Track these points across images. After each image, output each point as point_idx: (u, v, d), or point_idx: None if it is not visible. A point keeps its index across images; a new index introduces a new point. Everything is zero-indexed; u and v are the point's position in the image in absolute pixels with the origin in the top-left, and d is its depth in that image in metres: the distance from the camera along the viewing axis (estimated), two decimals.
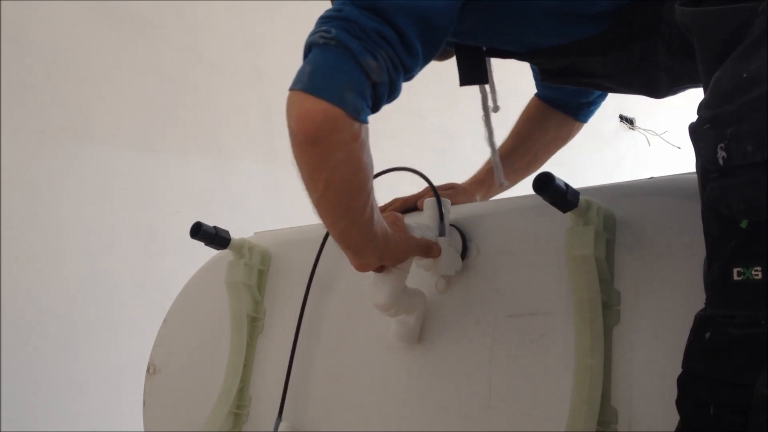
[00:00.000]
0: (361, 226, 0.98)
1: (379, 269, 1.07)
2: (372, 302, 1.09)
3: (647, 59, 1.08)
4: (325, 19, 0.92)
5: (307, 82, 0.87)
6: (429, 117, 3.36)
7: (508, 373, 1.07)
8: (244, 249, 1.38)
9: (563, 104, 1.43)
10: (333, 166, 0.91)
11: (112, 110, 2.71)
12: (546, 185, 0.95)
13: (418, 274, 1.14)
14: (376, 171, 1.03)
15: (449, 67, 1.18)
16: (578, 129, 1.47)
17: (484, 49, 1.16)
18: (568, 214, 1.00)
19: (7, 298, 2.39)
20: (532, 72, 1.38)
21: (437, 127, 3.36)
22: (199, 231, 1.33)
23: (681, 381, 0.81)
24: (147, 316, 1.91)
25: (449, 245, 1.12)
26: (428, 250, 1.09)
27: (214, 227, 1.36)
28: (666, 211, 1.00)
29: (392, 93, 0.94)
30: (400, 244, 1.06)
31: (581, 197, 0.99)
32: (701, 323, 0.80)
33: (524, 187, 1.21)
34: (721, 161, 0.78)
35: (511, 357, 1.07)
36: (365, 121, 0.91)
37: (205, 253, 1.45)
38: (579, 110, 1.44)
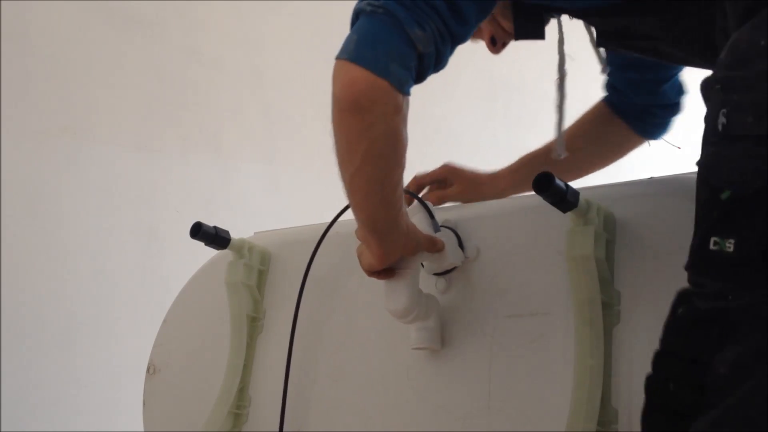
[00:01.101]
0: (391, 205, 0.98)
1: (389, 274, 1.07)
2: (389, 310, 1.08)
3: (706, 22, 1.01)
4: None
5: (353, 51, 0.87)
6: (428, 115, 3.36)
7: (508, 373, 1.07)
8: (244, 249, 1.38)
9: (625, 111, 1.34)
10: (373, 137, 0.90)
11: (112, 110, 2.71)
12: (546, 185, 0.95)
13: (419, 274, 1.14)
14: None
15: (451, 65, 1.17)
16: (636, 144, 1.38)
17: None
18: (568, 214, 1.00)
19: (7, 298, 2.38)
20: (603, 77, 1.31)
21: (440, 124, 3.37)
22: (199, 231, 1.33)
23: (653, 357, 0.81)
24: (147, 316, 1.91)
25: (447, 237, 1.14)
26: (433, 243, 1.10)
27: (214, 227, 1.36)
28: (666, 211, 1.00)
29: (439, 64, 0.93)
30: (417, 232, 1.06)
31: (581, 197, 0.99)
32: (678, 299, 0.80)
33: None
34: (720, 127, 0.76)
35: (511, 357, 1.07)
36: (408, 93, 0.90)
37: (205, 253, 1.45)
38: (642, 120, 1.35)
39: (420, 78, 0.92)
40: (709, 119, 0.78)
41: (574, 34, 1.17)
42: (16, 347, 2.39)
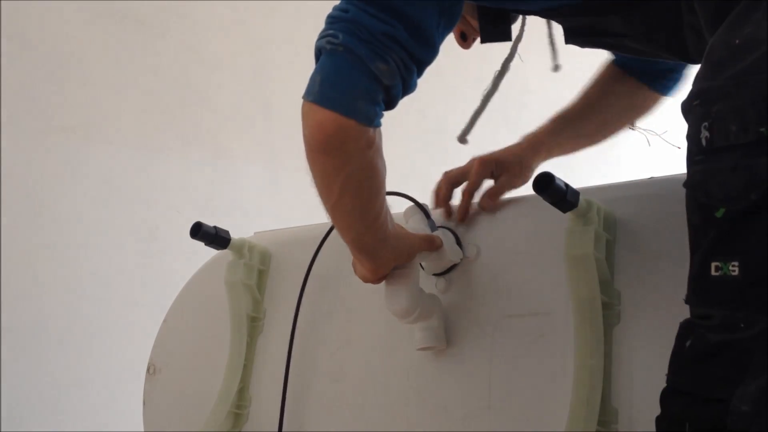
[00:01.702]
0: (375, 229, 0.98)
1: (386, 278, 1.07)
2: (391, 311, 1.08)
3: (669, 16, 0.98)
4: (332, 20, 0.89)
5: (318, 93, 0.86)
6: (429, 114, 3.36)
7: (508, 373, 1.07)
8: (244, 249, 1.38)
9: (639, 71, 1.26)
10: (347, 174, 0.91)
11: (112, 110, 2.71)
12: (546, 185, 0.95)
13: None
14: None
15: (450, 64, 1.17)
16: (656, 100, 1.30)
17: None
18: (568, 214, 1.00)
19: (8, 298, 2.39)
20: None
21: (437, 124, 3.36)
22: (199, 231, 1.33)
23: (662, 396, 0.75)
24: (147, 316, 1.91)
25: (445, 235, 1.14)
26: (431, 241, 1.10)
27: (214, 227, 1.35)
28: (666, 211, 1.00)
29: (406, 90, 0.92)
30: (409, 238, 1.06)
31: (581, 197, 0.99)
32: (683, 330, 0.74)
33: (524, 187, 1.21)
34: (704, 142, 0.71)
35: (511, 357, 1.07)
36: (378, 125, 0.90)
37: (205, 253, 1.45)
38: (656, 79, 1.27)
39: (390, 106, 0.92)
40: (691, 136, 0.73)
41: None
42: (16, 347, 2.39)
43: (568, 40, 1.10)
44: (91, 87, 2.66)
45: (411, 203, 1.18)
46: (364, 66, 0.86)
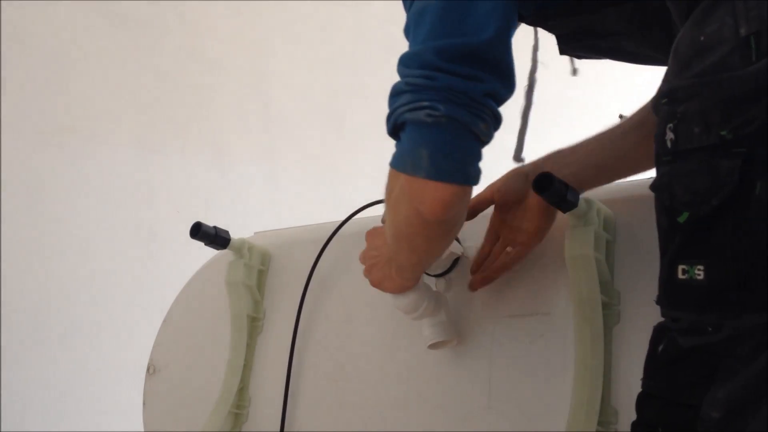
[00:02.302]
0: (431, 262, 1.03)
1: None
2: (397, 306, 1.07)
3: (660, 13, 0.95)
4: (416, 87, 0.84)
5: (431, 168, 0.83)
6: None
7: (508, 373, 1.07)
8: (244, 249, 1.38)
9: None
10: (453, 230, 0.94)
11: (112, 110, 2.71)
12: (546, 185, 0.95)
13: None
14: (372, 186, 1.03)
15: None
16: None
17: None
18: (568, 214, 1.00)
19: (8, 298, 2.39)
20: None
21: None
22: (199, 231, 1.33)
23: (637, 400, 0.75)
24: (147, 316, 1.91)
25: None
26: None
27: (214, 227, 1.35)
28: None
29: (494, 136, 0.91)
30: None
31: (581, 197, 0.99)
32: (656, 334, 0.74)
33: None
34: (669, 143, 0.70)
35: (511, 357, 1.07)
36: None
37: (205, 253, 1.45)
38: None
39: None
40: (658, 137, 0.72)
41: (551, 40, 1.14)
42: (16, 347, 2.39)
43: (562, 48, 1.08)
44: (91, 87, 2.66)
45: None
46: (469, 131, 0.84)
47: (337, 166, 3.17)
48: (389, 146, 0.98)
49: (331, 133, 3.23)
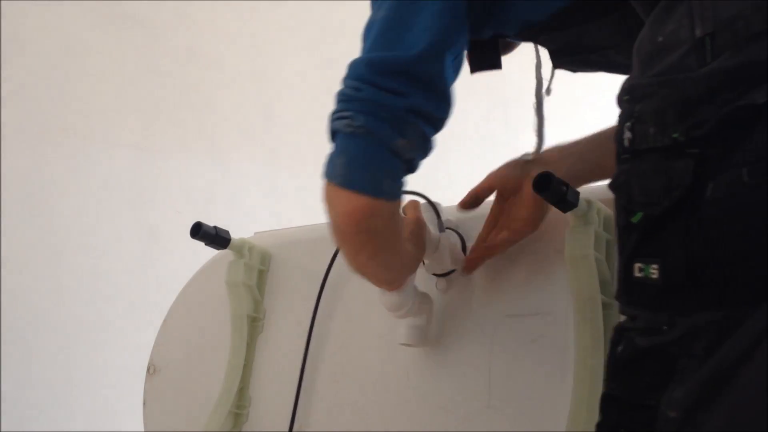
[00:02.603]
0: (398, 265, 1.01)
1: None
2: (382, 302, 1.08)
3: (640, 21, 0.95)
4: (345, 97, 0.87)
5: (344, 177, 0.86)
6: None
7: (508, 373, 1.07)
8: (244, 249, 1.38)
9: None
10: (375, 244, 0.93)
11: (112, 110, 2.71)
12: (546, 185, 0.95)
13: (419, 275, 1.14)
14: None
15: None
16: None
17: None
18: (569, 214, 1.00)
19: (7, 298, 2.39)
20: None
21: (451, 124, 3.36)
22: (199, 231, 1.33)
23: (600, 402, 0.75)
24: (147, 316, 1.92)
25: (449, 239, 1.14)
26: (418, 230, 1.08)
27: (214, 227, 1.35)
28: None
29: (425, 156, 0.92)
30: (416, 252, 1.07)
31: (581, 197, 0.99)
32: (616, 335, 0.74)
33: None
34: (626, 142, 0.70)
35: (511, 357, 1.07)
36: (400, 198, 0.91)
37: (205, 253, 1.45)
38: None
39: (411, 172, 0.92)
40: (617, 136, 0.72)
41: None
42: (16, 347, 2.39)
43: (555, 63, 1.09)
44: (91, 87, 2.66)
45: (423, 201, 1.18)
46: (386, 146, 0.86)
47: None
48: None
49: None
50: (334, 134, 0.88)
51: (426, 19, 0.86)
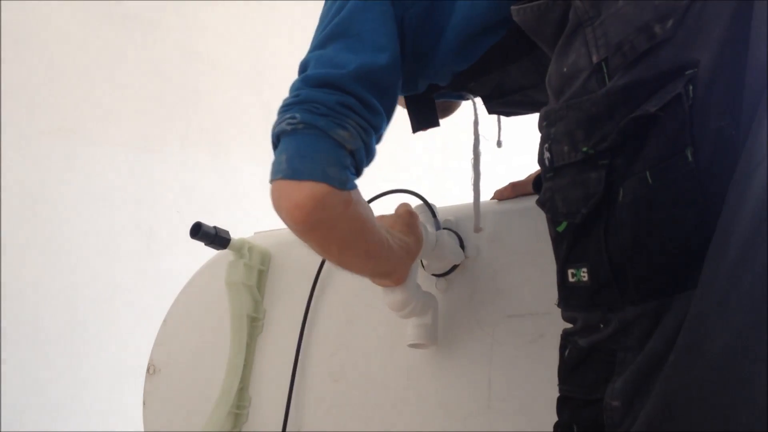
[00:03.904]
0: (382, 256, 1.01)
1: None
2: (386, 302, 1.08)
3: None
4: (286, 107, 0.92)
5: (287, 169, 0.87)
6: None
7: (508, 373, 1.07)
8: (244, 249, 1.38)
9: None
10: (338, 237, 0.93)
11: (112, 110, 2.71)
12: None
13: (419, 276, 1.14)
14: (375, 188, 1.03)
15: None
16: None
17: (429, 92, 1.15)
18: None
19: (8, 298, 2.38)
20: None
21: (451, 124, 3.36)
22: (199, 231, 1.33)
23: (556, 404, 0.81)
24: (147, 316, 1.91)
25: (447, 237, 1.14)
26: (410, 221, 1.10)
27: (214, 227, 1.36)
28: None
29: (369, 155, 0.95)
30: (413, 239, 1.07)
31: None
32: (562, 341, 0.81)
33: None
34: (546, 162, 0.79)
35: (511, 357, 1.07)
36: (353, 188, 0.92)
37: (205, 253, 1.45)
38: None
39: (358, 173, 0.94)
40: (539, 157, 0.80)
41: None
42: (16, 347, 2.39)
43: (489, 109, 1.17)
44: (91, 87, 2.66)
45: (420, 202, 1.18)
46: (327, 136, 0.88)
47: None
48: (388, 146, 0.98)
49: None
50: (277, 141, 0.91)
51: (352, 55, 0.93)
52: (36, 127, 2.53)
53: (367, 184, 0.99)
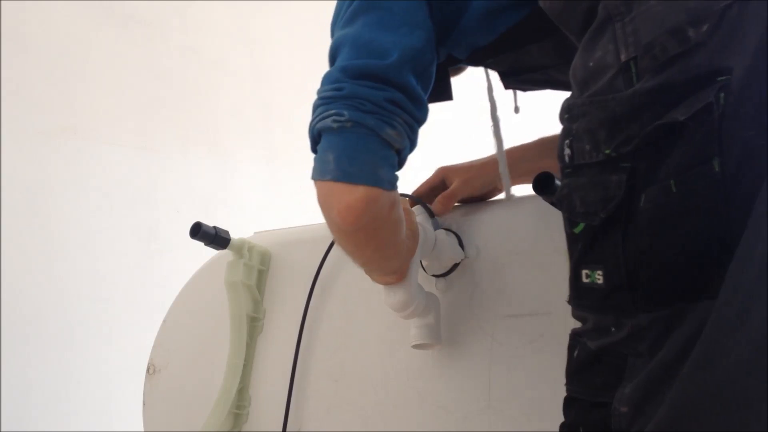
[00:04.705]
0: (401, 254, 1.01)
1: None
2: (387, 303, 1.08)
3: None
4: (326, 101, 0.90)
5: (336, 171, 0.86)
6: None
7: (508, 373, 1.07)
8: (244, 249, 1.38)
9: None
10: (379, 237, 0.93)
11: (112, 110, 2.71)
12: (546, 185, 0.95)
13: (419, 276, 1.14)
14: None
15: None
16: None
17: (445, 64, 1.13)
18: None
19: (7, 298, 2.39)
20: None
21: (448, 123, 3.36)
22: (198, 231, 1.33)
23: (563, 404, 0.80)
24: (147, 316, 1.91)
25: (445, 237, 1.14)
26: (409, 218, 1.10)
27: (214, 227, 1.35)
28: None
29: (412, 149, 0.94)
30: (409, 234, 1.07)
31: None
32: (571, 341, 0.80)
33: (524, 187, 1.21)
34: (566, 159, 0.76)
35: (511, 357, 1.07)
36: (396, 187, 0.92)
37: (205, 253, 1.45)
38: None
39: (401, 166, 0.94)
40: (559, 152, 0.78)
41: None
42: (16, 347, 2.39)
43: (505, 84, 1.15)
44: (91, 87, 2.66)
45: (417, 205, 1.19)
46: (375, 135, 0.87)
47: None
48: None
49: None
50: (318, 136, 0.89)
51: (392, 36, 0.91)
52: (36, 127, 2.53)
53: None
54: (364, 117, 0.87)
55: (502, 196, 1.27)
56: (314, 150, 0.93)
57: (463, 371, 1.12)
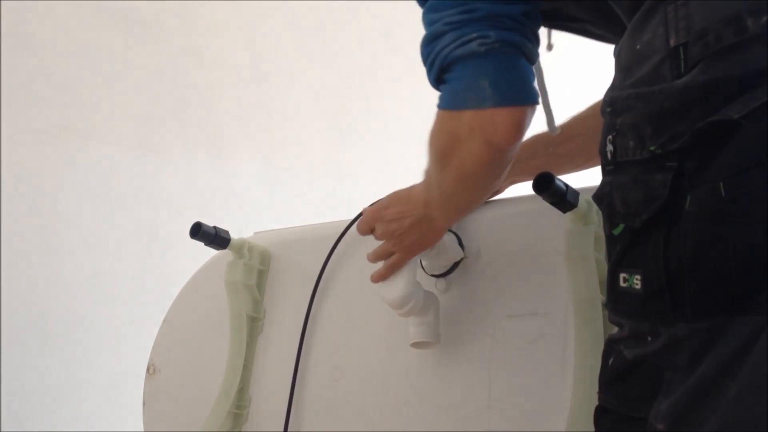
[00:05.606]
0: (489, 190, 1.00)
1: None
2: (385, 299, 1.08)
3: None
4: (457, 24, 0.84)
5: (496, 96, 0.82)
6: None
7: (508, 373, 1.07)
8: (244, 249, 1.38)
9: None
10: (507, 158, 0.89)
11: (113, 110, 2.71)
12: (546, 185, 0.95)
13: (419, 277, 1.14)
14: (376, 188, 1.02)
15: None
16: None
17: None
18: (568, 214, 1.00)
19: (8, 298, 2.39)
20: None
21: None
22: (198, 231, 1.33)
23: (594, 414, 0.77)
24: (147, 316, 1.91)
25: (447, 235, 1.14)
26: None
27: (214, 227, 1.36)
28: None
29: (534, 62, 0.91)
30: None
31: (581, 197, 0.99)
32: (606, 348, 0.76)
33: (524, 187, 1.20)
34: (609, 155, 0.72)
35: (511, 357, 1.07)
36: None
37: (205, 253, 1.45)
38: None
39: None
40: (601, 148, 0.73)
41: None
42: (16, 347, 2.39)
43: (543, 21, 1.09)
44: (91, 87, 2.66)
45: None
46: (521, 53, 0.85)
47: (337, 166, 3.18)
48: (389, 146, 0.98)
49: (331, 132, 3.23)
50: (452, 64, 0.84)
51: None
52: (36, 126, 2.53)
53: (368, 183, 0.99)
54: (509, 35, 0.83)
55: (502, 196, 1.27)
56: (439, 80, 0.87)
57: (463, 371, 1.12)
